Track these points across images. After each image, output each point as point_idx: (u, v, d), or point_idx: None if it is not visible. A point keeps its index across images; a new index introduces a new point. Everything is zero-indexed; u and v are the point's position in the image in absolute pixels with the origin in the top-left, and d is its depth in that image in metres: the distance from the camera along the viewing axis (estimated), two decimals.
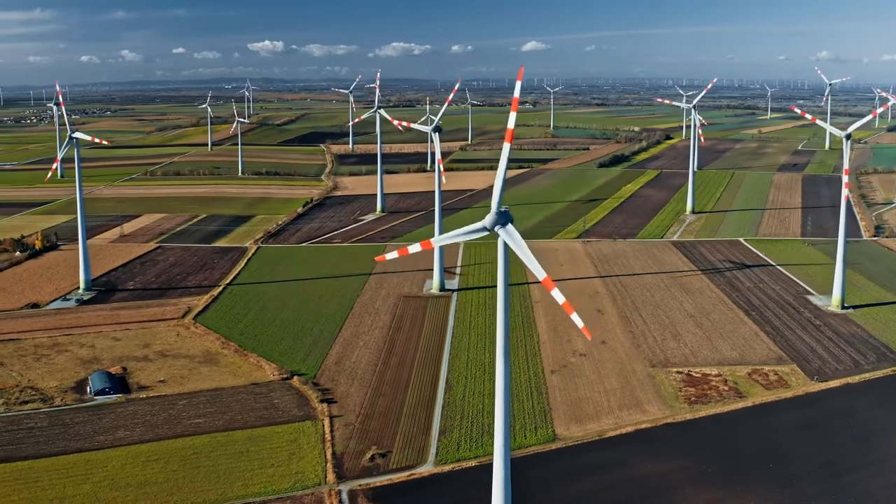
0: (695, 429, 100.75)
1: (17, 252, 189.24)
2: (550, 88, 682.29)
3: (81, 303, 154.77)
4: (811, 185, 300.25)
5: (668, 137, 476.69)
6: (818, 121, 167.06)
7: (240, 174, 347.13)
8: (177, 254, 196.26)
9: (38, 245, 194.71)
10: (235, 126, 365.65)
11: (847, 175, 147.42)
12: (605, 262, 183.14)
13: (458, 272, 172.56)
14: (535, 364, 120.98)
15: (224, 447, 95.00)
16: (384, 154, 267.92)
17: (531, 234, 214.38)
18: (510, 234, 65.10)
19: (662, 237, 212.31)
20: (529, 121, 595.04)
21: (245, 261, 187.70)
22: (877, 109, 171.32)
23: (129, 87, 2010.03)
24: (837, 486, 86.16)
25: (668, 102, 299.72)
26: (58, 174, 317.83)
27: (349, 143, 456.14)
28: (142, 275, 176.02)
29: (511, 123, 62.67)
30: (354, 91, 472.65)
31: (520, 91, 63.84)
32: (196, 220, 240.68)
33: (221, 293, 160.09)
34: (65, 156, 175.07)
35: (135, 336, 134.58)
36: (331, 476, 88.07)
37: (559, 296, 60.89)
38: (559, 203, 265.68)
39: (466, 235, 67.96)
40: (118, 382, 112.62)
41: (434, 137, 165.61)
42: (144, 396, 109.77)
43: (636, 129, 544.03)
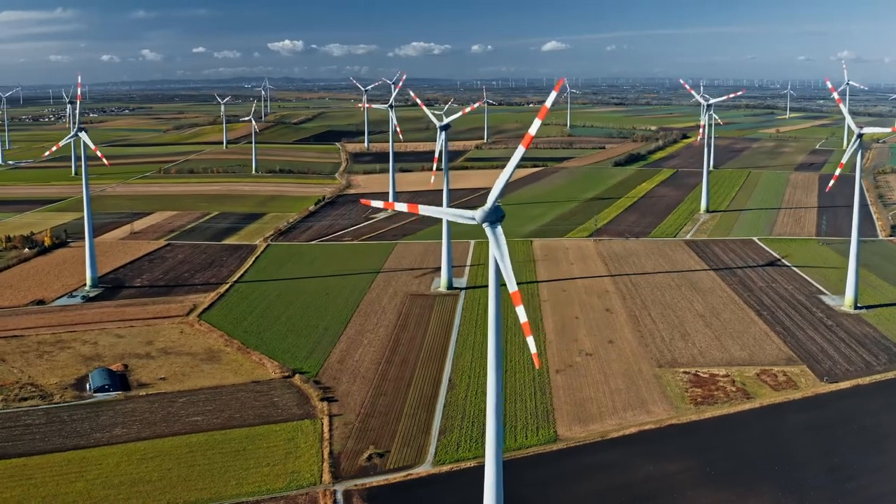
0: (700, 430, 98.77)
1: (27, 249, 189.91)
2: (568, 88, 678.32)
3: (87, 300, 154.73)
4: (828, 184, 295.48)
5: (685, 136, 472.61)
6: (841, 104, 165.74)
7: (253, 172, 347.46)
8: (186, 251, 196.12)
9: (48, 242, 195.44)
10: (251, 121, 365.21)
11: (840, 168, 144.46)
12: (617, 261, 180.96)
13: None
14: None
15: (220, 445, 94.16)
16: (398, 152, 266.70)
17: (543, 233, 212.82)
18: (496, 236, 64.52)
19: (675, 236, 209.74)
20: (546, 120, 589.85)
21: (254, 258, 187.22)
22: None
23: (150, 87, 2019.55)
24: (844, 492, 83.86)
25: (689, 89, 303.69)
26: (70, 164, 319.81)
27: (365, 142, 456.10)
28: (150, 272, 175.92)
29: (533, 130, 61.19)
30: (375, 91, 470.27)
31: (552, 100, 62.48)
32: (207, 218, 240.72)
33: (228, 291, 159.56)
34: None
35: (138, 333, 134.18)
36: (326, 476, 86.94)
37: (522, 314, 61.00)
38: (573, 202, 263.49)
39: (455, 217, 70.55)
40: (118, 379, 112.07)
41: (441, 134, 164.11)
42: (144, 394, 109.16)
43: (653, 128, 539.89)
